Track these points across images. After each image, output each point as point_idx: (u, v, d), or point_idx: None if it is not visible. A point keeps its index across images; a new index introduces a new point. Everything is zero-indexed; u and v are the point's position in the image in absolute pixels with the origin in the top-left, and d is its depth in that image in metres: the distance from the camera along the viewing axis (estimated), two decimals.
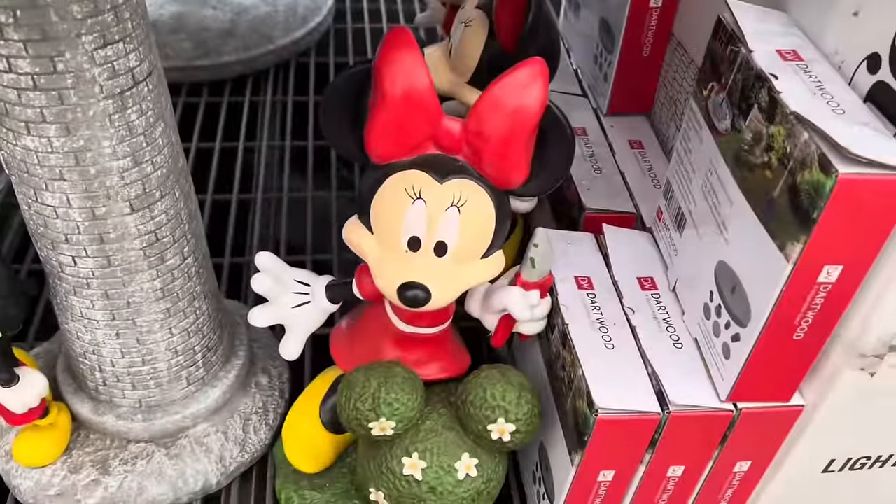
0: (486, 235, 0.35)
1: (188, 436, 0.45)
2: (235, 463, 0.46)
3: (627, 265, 0.44)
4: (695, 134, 0.40)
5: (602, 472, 0.39)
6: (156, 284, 0.39)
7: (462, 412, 0.39)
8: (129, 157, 0.35)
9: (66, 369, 0.46)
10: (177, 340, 0.42)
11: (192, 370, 0.44)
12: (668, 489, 0.41)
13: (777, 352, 0.34)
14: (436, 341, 0.42)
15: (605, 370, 0.38)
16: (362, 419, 0.38)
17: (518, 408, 0.38)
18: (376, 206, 0.35)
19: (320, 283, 0.41)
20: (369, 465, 0.41)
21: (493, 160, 0.34)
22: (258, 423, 0.47)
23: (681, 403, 0.37)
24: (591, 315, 0.41)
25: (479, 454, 0.40)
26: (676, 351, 0.39)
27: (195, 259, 0.41)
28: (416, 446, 0.39)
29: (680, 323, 0.41)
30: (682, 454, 0.39)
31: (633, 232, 0.46)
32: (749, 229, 0.34)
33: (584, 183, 0.49)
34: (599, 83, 0.55)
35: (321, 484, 0.45)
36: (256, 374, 0.49)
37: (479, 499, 0.40)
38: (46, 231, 0.37)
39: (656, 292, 0.42)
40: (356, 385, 0.38)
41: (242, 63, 0.80)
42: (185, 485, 0.44)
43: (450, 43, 0.49)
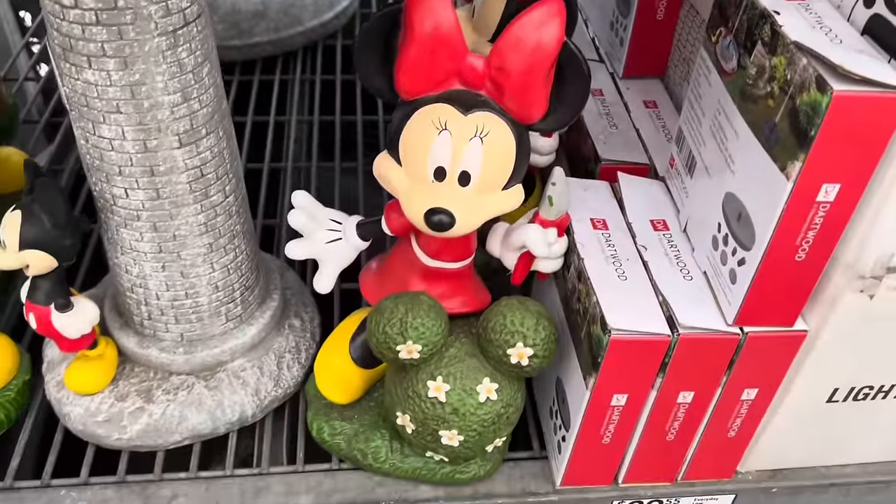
0: (507, 166, 0.38)
1: (226, 369, 0.48)
2: (270, 397, 0.49)
3: (641, 209, 0.46)
4: (704, 80, 0.42)
5: (615, 395, 0.41)
6: (200, 219, 0.42)
7: (483, 338, 0.42)
8: (178, 93, 0.38)
9: (113, 308, 0.49)
10: (217, 276, 0.45)
11: (230, 307, 0.47)
12: (679, 416, 0.43)
13: (780, 273, 0.37)
14: (458, 277, 0.45)
15: (619, 298, 0.40)
16: (391, 343, 0.41)
17: (536, 333, 0.41)
18: (405, 138, 0.38)
19: (351, 221, 0.44)
20: (396, 391, 0.43)
21: (514, 94, 0.37)
22: (291, 361, 0.50)
23: (689, 326, 0.39)
24: (606, 251, 0.43)
25: (499, 379, 0.42)
26: (686, 282, 0.41)
27: (236, 198, 0.44)
28: (441, 371, 0.42)
29: (690, 259, 0.43)
30: (691, 379, 0.41)
31: (647, 180, 0.49)
32: (753, 157, 0.36)
33: (601, 137, 0.51)
34: (615, 48, 0.58)
35: (350, 416, 0.48)
36: (289, 318, 0.52)
37: (499, 421, 0.43)
38: (102, 164, 0.40)
39: (668, 232, 0.45)
40: (385, 311, 0.41)
41: (273, 43, 0.84)
42: (222, 414, 0.47)
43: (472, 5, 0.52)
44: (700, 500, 0.48)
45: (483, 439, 0.43)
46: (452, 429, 0.42)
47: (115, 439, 0.46)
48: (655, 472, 0.47)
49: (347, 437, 0.47)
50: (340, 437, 0.47)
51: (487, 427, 0.42)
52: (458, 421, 0.42)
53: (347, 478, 0.47)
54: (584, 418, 0.43)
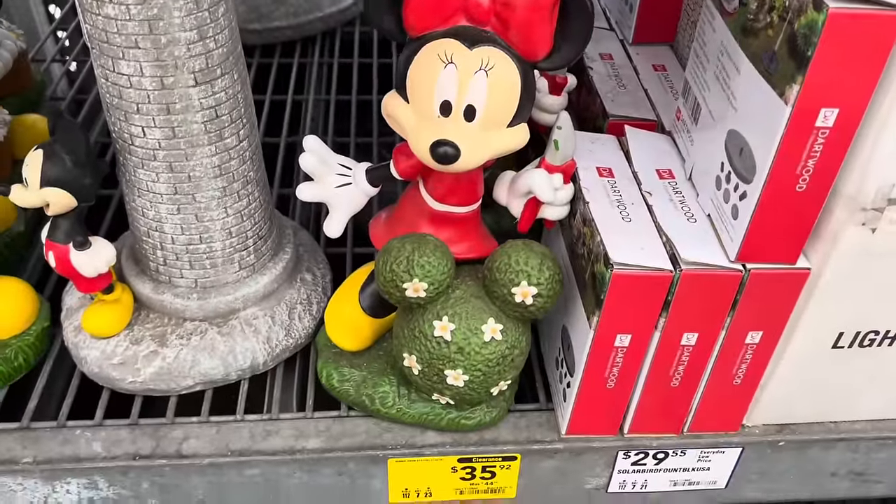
0: (511, 102, 0.39)
1: (238, 317, 0.49)
2: (281, 346, 0.50)
3: (647, 160, 0.47)
4: (708, 26, 0.43)
5: (618, 335, 0.42)
6: (214, 161, 0.44)
7: (488, 278, 0.42)
8: (195, 31, 0.39)
9: (130, 256, 0.50)
10: (231, 221, 0.46)
11: (243, 254, 0.48)
12: (683, 360, 0.43)
13: (781, 205, 0.37)
14: (465, 222, 0.45)
15: (622, 237, 0.41)
16: (397, 280, 0.41)
17: (540, 273, 0.41)
18: (412, 73, 0.39)
19: (361, 167, 0.45)
20: (403, 332, 0.44)
21: (519, 29, 0.38)
22: (302, 312, 0.51)
23: (692, 261, 0.39)
24: (611, 196, 0.44)
25: (504, 321, 0.43)
26: (690, 224, 0.42)
27: (249, 144, 0.46)
28: (447, 311, 0.43)
29: (694, 203, 0.43)
30: (694, 319, 0.41)
31: (654, 133, 0.49)
32: (754, 88, 0.37)
33: (609, 95, 0.52)
34: (625, 16, 0.59)
35: (359, 363, 0.49)
36: (301, 272, 0.53)
37: (504, 363, 0.43)
38: (120, 102, 0.41)
39: (673, 181, 0.45)
40: (392, 250, 0.42)
41: (292, 28, 0.86)
42: (234, 360, 0.48)
43: None
44: (706, 452, 0.48)
45: (488, 380, 0.43)
46: (457, 368, 0.43)
47: (129, 382, 0.47)
48: (661, 423, 0.47)
49: (356, 384, 0.48)
50: (349, 383, 0.48)
51: (492, 367, 0.43)
52: (462, 360, 0.42)
53: (355, 423, 0.48)
54: (588, 361, 0.43)
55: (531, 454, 0.47)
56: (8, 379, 0.49)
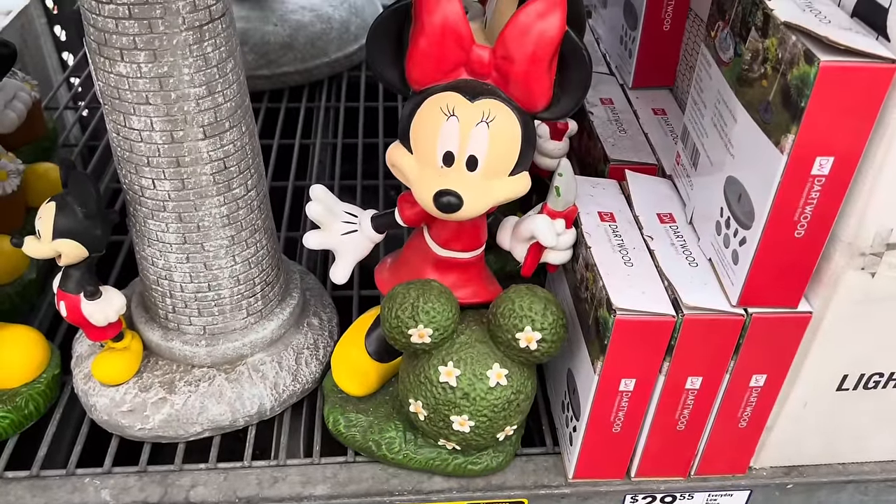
0: (512, 152, 0.40)
1: (246, 363, 0.50)
2: (288, 391, 0.50)
3: (648, 204, 0.47)
4: (705, 74, 0.44)
5: (623, 380, 0.42)
6: (222, 211, 0.45)
7: (493, 324, 0.43)
8: (204, 86, 0.40)
9: (140, 304, 0.51)
10: (239, 269, 0.47)
11: (251, 301, 0.49)
12: (688, 403, 0.43)
13: (780, 250, 0.38)
14: (469, 267, 0.46)
15: (624, 282, 0.41)
16: (402, 326, 0.42)
17: (544, 317, 0.42)
18: (415, 125, 0.40)
19: (367, 214, 0.46)
20: (409, 377, 0.44)
21: (519, 82, 0.39)
22: (309, 357, 0.52)
23: (694, 306, 0.40)
24: (613, 240, 0.44)
25: (509, 365, 0.43)
26: (692, 269, 0.42)
27: (257, 193, 0.46)
28: (452, 356, 0.43)
29: (695, 248, 0.44)
30: (698, 363, 0.42)
31: (654, 178, 0.50)
32: (750, 137, 0.37)
33: (610, 140, 0.53)
34: (625, 60, 0.60)
35: (365, 408, 0.49)
36: (308, 316, 0.54)
37: (509, 408, 0.43)
38: (131, 155, 0.42)
39: (674, 224, 0.46)
40: (397, 296, 0.42)
41: (300, 73, 0.87)
42: (242, 407, 0.49)
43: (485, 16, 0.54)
44: (714, 495, 0.48)
45: (494, 426, 0.44)
46: (463, 414, 0.43)
47: (139, 429, 0.48)
48: (667, 466, 0.47)
49: (362, 429, 0.48)
50: (356, 428, 0.48)
51: (498, 413, 0.43)
52: (468, 406, 0.43)
53: (362, 469, 0.48)
54: (594, 405, 0.43)
55: (538, 499, 0.47)
56: (18, 427, 0.49)
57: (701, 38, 0.54)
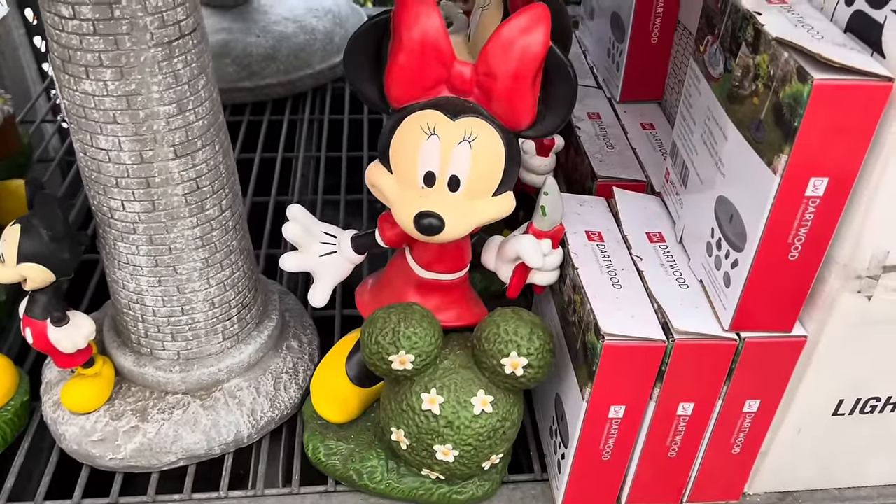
0: (495, 171, 0.38)
1: (222, 389, 0.48)
2: (266, 417, 0.48)
3: (637, 222, 0.46)
4: (694, 89, 0.42)
5: (612, 407, 0.41)
6: (196, 232, 0.43)
7: (477, 349, 0.41)
8: (174, 104, 0.39)
9: (112, 328, 0.49)
10: (214, 292, 0.45)
11: (227, 325, 0.47)
12: (680, 430, 0.42)
13: (773, 273, 0.36)
14: (452, 289, 0.44)
15: (613, 305, 0.40)
16: (383, 352, 0.40)
17: (530, 342, 0.40)
18: (395, 144, 0.38)
19: (346, 235, 0.44)
20: (391, 405, 0.43)
21: (502, 99, 0.37)
22: (288, 382, 0.50)
23: (685, 331, 0.38)
24: (601, 261, 0.43)
25: (494, 392, 0.42)
26: (682, 291, 0.41)
27: (232, 213, 0.45)
28: (435, 383, 0.41)
29: (686, 268, 0.43)
30: (690, 389, 0.40)
31: (643, 195, 0.49)
32: (742, 156, 0.36)
33: (598, 156, 0.52)
34: (612, 74, 0.59)
35: (346, 436, 0.47)
36: (288, 339, 0.52)
37: (495, 436, 0.42)
38: (99, 176, 0.41)
39: (664, 244, 0.44)
40: (377, 321, 0.41)
41: (283, 85, 0.86)
42: (217, 435, 0.47)
43: (468, 29, 0.53)
44: None
45: (479, 455, 0.42)
46: (447, 443, 0.41)
47: (110, 459, 0.46)
48: (659, 494, 0.45)
49: (343, 458, 0.46)
50: (336, 457, 0.46)
51: (483, 441, 0.41)
52: (452, 434, 0.41)
53: (343, 499, 0.46)
54: (583, 432, 0.42)
55: None
56: None
57: (690, 52, 0.53)
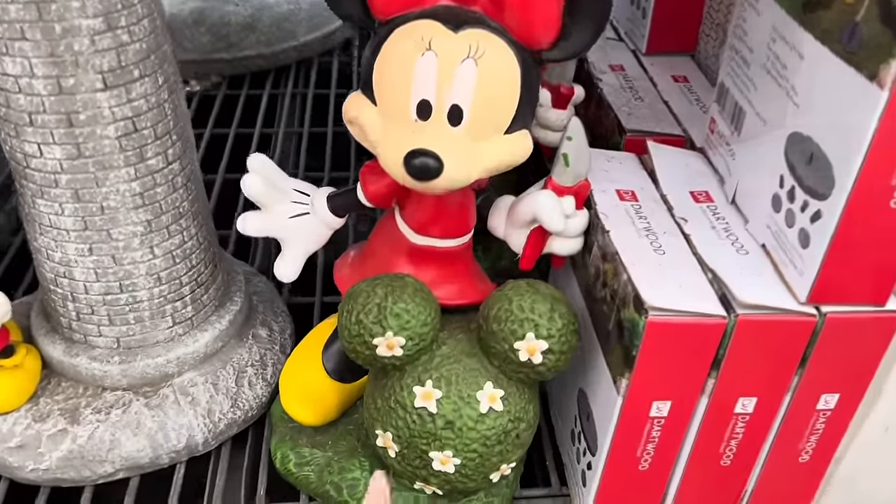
0: (508, 99, 0.30)
1: (172, 385, 0.39)
2: (226, 420, 0.40)
3: (677, 180, 0.38)
4: (751, 11, 0.34)
5: (655, 403, 0.32)
6: (134, 187, 0.35)
7: (484, 331, 0.33)
8: (100, 18, 0.31)
9: (41, 312, 0.41)
10: (160, 264, 0.37)
11: (178, 306, 0.39)
12: (737, 432, 0.34)
13: (870, 225, 0.28)
14: (452, 259, 0.36)
15: (656, 273, 0.32)
16: (366, 334, 0.32)
17: (551, 321, 0.32)
18: (380, 66, 0.30)
19: (321, 192, 0.36)
20: (375, 403, 0.34)
21: (517, 9, 0.29)
22: (254, 377, 0.41)
23: (751, 303, 0.30)
24: (637, 223, 0.35)
25: (505, 385, 0.33)
26: (740, 257, 0.33)
27: (182, 167, 0.37)
28: (431, 374, 0.33)
29: (743, 232, 0.34)
30: (753, 380, 0.32)
31: (683, 150, 0.40)
32: (827, 75, 0.28)
33: (625, 109, 0.44)
34: (637, 23, 0.51)
35: (322, 442, 0.39)
36: (255, 326, 0.43)
37: (506, 440, 0.33)
38: (9, 112, 0.32)
39: (712, 205, 0.36)
40: (359, 296, 0.32)
41: (264, 58, 0.78)
42: (166, 440, 0.38)
43: None
44: None
45: (486, 464, 0.33)
46: (446, 449, 0.33)
47: (31, 470, 0.37)
48: None
49: (318, 468, 0.38)
50: (310, 467, 0.38)
51: (491, 447, 0.33)
52: (452, 438, 0.33)
53: None
54: (616, 435, 0.33)
55: None
56: None
57: None
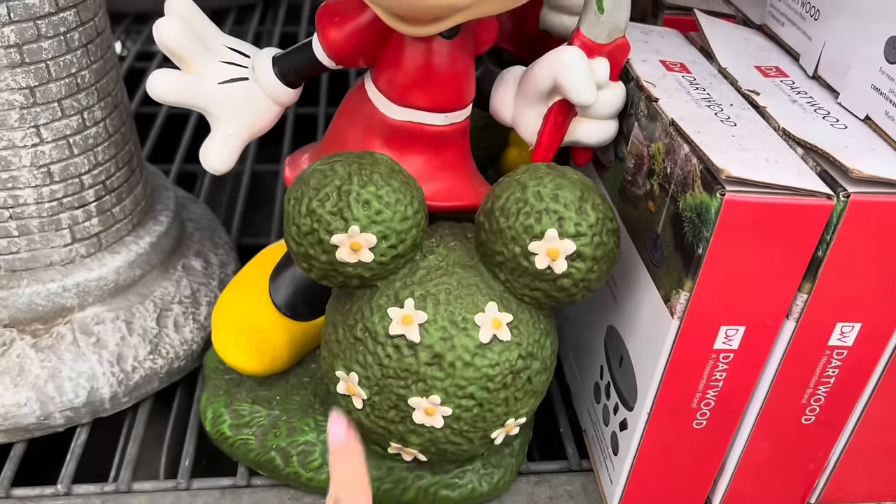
0: None
1: (71, 322, 0.30)
2: (143, 370, 0.30)
3: (737, 55, 0.29)
4: None
5: (724, 329, 0.23)
6: (7, 35, 0.25)
7: (486, 230, 0.24)
8: None
9: None
10: (50, 153, 0.28)
11: (78, 216, 0.29)
12: (828, 375, 0.25)
13: None
14: (444, 144, 0.27)
15: (729, 144, 0.23)
16: (321, 230, 0.23)
17: (580, 214, 0.23)
18: None
19: (265, 53, 0.27)
20: (337, 333, 0.25)
21: None
22: (182, 318, 0.32)
23: (870, 176, 0.21)
24: (693, 94, 0.26)
25: (514, 308, 0.24)
26: (838, 131, 0.24)
27: (80, 20, 0.27)
28: (412, 290, 0.24)
29: (834, 106, 0.26)
30: (858, 297, 0.23)
31: (738, 26, 0.32)
32: None
33: None
34: None
35: (267, 398, 0.29)
36: (187, 256, 0.34)
37: (515, 383, 0.24)
38: None
39: (787, 79, 0.27)
40: (312, 176, 0.23)
41: None
42: (59, 393, 0.29)
43: None
44: None
45: (486, 416, 0.24)
46: (432, 393, 0.23)
47: None
48: (777, 490, 0.28)
49: (262, 430, 0.28)
50: (249, 429, 0.28)
51: (494, 392, 0.24)
52: (441, 378, 0.23)
53: (258, 499, 0.28)
54: (666, 376, 0.24)
55: None
56: None
57: None
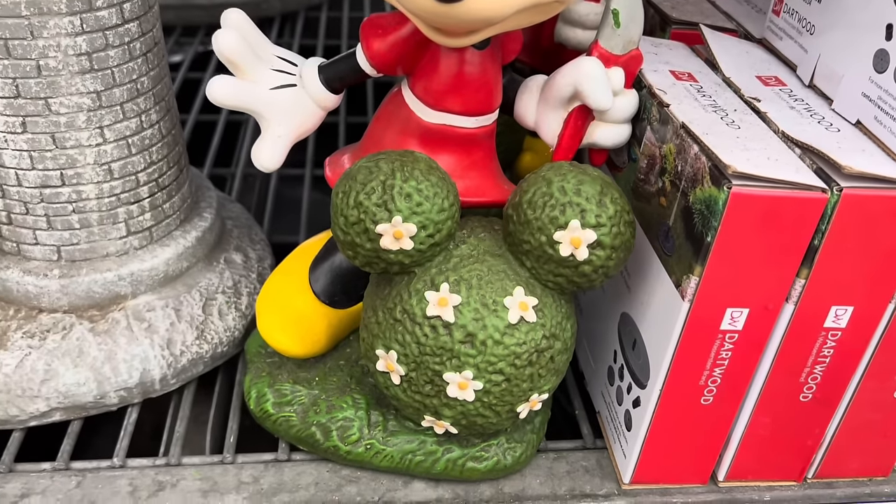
0: None
1: (125, 308, 0.32)
2: (190, 354, 0.33)
3: (740, 66, 0.32)
4: None
5: (730, 311, 0.26)
6: (79, 44, 0.28)
7: (514, 221, 0.26)
8: None
9: None
10: (111, 152, 0.30)
11: (133, 210, 0.32)
12: (825, 354, 0.27)
13: None
14: (473, 146, 0.29)
15: (734, 144, 0.25)
16: (367, 220, 0.25)
17: (601, 207, 0.25)
18: None
19: (311, 62, 0.29)
20: (377, 314, 0.27)
21: None
22: (225, 306, 0.34)
23: (860, 172, 0.24)
24: (700, 100, 0.28)
25: (539, 293, 0.27)
26: (832, 134, 0.26)
27: (142, 30, 0.30)
28: (447, 276, 0.26)
29: (828, 112, 0.28)
30: (851, 282, 0.25)
31: (741, 40, 0.34)
32: None
33: (667, 3, 0.38)
34: None
35: (307, 378, 0.32)
36: (228, 250, 0.36)
37: (540, 361, 0.27)
38: None
39: (786, 88, 0.30)
40: (359, 173, 0.26)
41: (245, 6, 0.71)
42: (114, 374, 0.31)
43: None
44: None
45: (513, 391, 0.27)
46: (465, 369, 0.26)
47: None
48: (777, 464, 0.30)
49: (302, 408, 0.31)
50: (291, 407, 0.31)
51: (521, 368, 0.26)
52: (473, 355, 0.26)
53: (299, 471, 0.30)
54: (677, 356, 0.27)
55: None
56: None
57: None
